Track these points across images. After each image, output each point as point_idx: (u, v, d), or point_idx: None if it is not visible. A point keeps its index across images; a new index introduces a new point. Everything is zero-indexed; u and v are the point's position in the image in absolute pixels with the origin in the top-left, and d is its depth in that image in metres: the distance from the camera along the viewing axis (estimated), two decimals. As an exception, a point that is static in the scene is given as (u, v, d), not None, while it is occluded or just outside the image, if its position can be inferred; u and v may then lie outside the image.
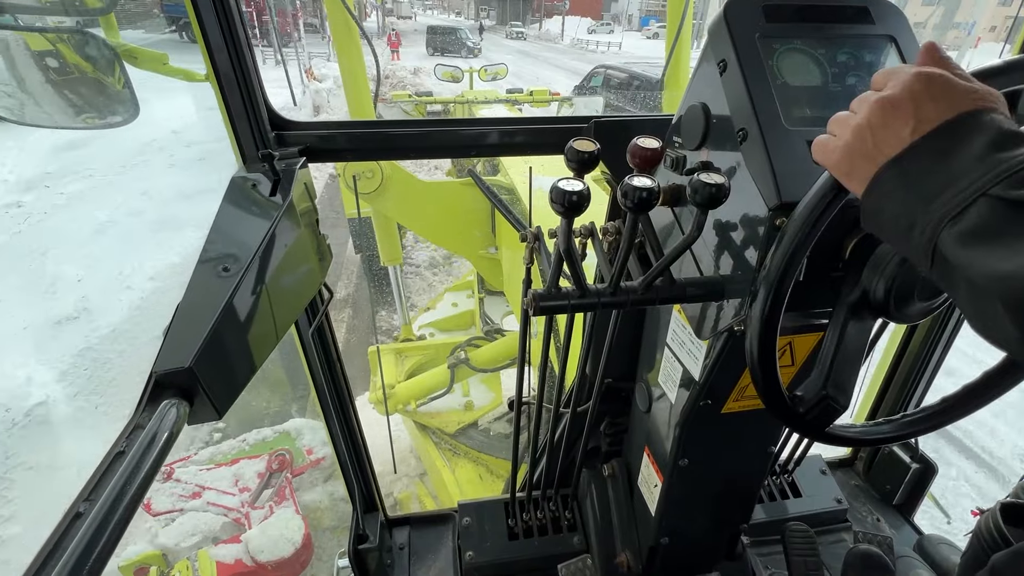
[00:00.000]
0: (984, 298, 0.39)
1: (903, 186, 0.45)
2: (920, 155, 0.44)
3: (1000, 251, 0.37)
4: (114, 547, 0.41)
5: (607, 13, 53.67)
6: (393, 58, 21.89)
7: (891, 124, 0.46)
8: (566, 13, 45.00)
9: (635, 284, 0.76)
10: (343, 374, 1.28)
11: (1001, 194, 0.38)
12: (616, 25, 47.58)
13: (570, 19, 43.95)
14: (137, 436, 0.50)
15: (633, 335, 1.20)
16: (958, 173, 0.41)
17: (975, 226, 0.39)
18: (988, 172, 0.39)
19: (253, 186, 0.90)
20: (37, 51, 1.18)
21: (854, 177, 0.49)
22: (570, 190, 0.62)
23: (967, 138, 0.42)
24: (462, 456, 3.50)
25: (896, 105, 0.46)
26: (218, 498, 3.28)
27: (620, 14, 51.27)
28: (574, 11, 46.98)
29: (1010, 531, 0.96)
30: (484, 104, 5.16)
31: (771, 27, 0.72)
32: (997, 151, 0.40)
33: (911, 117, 0.45)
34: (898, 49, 0.75)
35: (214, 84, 0.91)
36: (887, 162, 0.46)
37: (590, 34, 39.98)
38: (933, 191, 0.42)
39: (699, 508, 1.19)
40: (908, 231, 0.44)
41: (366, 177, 2.75)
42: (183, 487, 3.32)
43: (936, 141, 0.44)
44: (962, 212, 0.40)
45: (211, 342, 0.61)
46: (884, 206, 0.46)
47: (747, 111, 0.68)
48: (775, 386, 0.64)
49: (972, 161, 0.41)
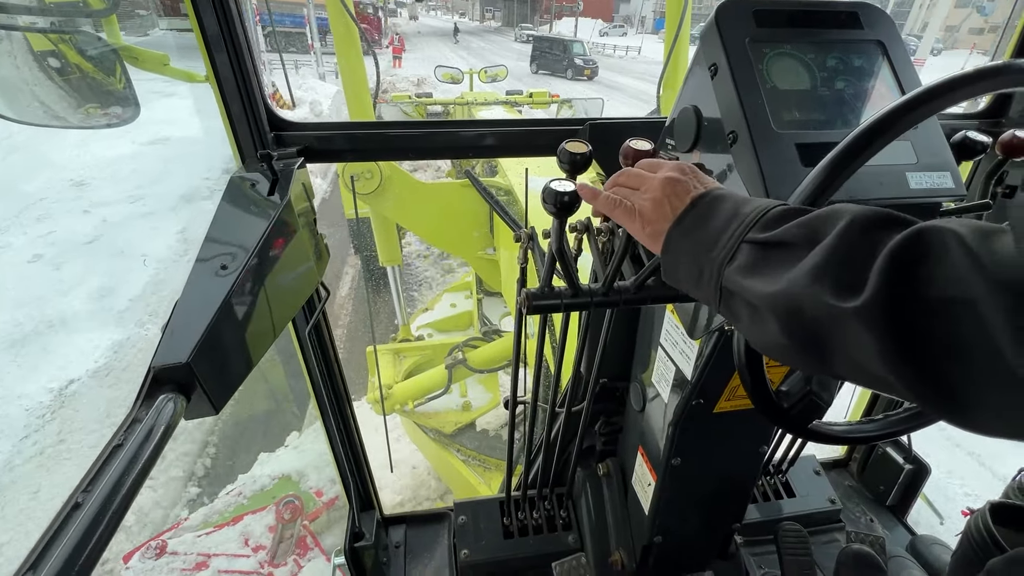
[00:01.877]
0: (760, 314, 0.49)
1: (687, 240, 0.58)
2: (692, 216, 0.58)
3: (765, 278, 0.48)
4: (111, 536, 0.42)
5: (617, 15, 52.68)
6: (395, 65, 19.91)
7: (670, 195, 0.60)
8: (580, 14, 43.33)
9: (627, 284, 0.77)
10: (340, 372, 1.29)
11: (753, 238, 0.51)
12: (628, 27, 46.07)
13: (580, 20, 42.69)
14: (135, 429, 0.51)
15: (627, 335, 1.21)
16: (723, 227, 0.54)
17: (745, 263, 0.51)
18: (741, 223, 0.53)
19: (252, 186, 0.91)
20: (39, 51, 1.19)
21: (654, 239, 0.62)
22: (561, 191, 0.63)
23: (719, 203, 0.57)
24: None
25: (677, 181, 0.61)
26: (230, 564, 2.86)
27: (632, 15, 49.76)
28: (585, 12, 45.87)
29: (999, 531, 0.97)
30: (484, 105, 5.18)
31: (761, 32, 0.74)
32: (741, 208, 0.55)
33: (682, 188, 0.60)
34: (886, 54, 0.76)
35: (213, 85, 0.92)
36: (671, 224, 0.59)
37: (602, 36, 38.45)
38: (710, 241, 0.55)
39: (692, 507, 1.20)
40: (699, 277, 0.56)
41: (365, 178, 2.76)
42: (183, 560, 2.88)
43: (700, 206, 0.58)
44: (734, 255, 0.52)
45: (208, 338, 0.62)
46: (679, 260, 0.58)
47: (737, 114, 0.70)
48: (762, 385, 0.65)
49: (729, 218, 0.55)
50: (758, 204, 0.54)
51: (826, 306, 0.42)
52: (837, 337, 0.42)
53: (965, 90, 0.54)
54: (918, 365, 0.38)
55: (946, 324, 0.37)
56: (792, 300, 0.45)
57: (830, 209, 0.48)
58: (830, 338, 0.43)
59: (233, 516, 3.14)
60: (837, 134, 0.63)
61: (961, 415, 0.39)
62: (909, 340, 0.38)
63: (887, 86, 0.75)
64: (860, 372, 0.43)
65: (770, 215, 0.52)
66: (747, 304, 0.50)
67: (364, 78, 2.66)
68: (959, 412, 0.39)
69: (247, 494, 3.30)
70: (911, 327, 0.38)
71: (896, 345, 0.38)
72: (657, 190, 0.61)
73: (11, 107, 1.23)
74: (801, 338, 0.46)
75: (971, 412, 0.38)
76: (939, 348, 0.37)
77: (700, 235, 0.56)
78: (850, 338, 0.41)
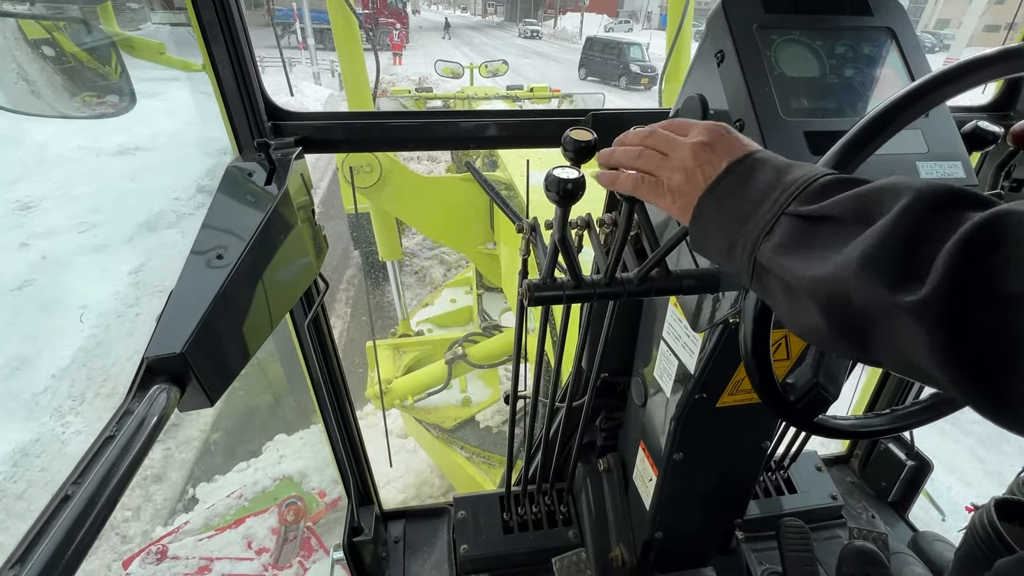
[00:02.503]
0: (799, 298, 0.45)
1: (720, 212, 0.53)
2: (728, 185, 0.53)
3: (806, 258, 0.44)
4: (100, 529, 0.41)
5: (622, 10, 51.75)
6: (395, 62, 18.54)
7: (703, 163, 0.55)
8: (585, 9, 42.39)
9: (631, 275, 0.76)
10: (339, 366, 1.28)
11: (796, 211, 0.46)
12: (634, 22, 44.52)
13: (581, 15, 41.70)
14: (126, 421, 0.50)
15: (629, 329, 1.20)
16: (760, 197, 0.49)
17: (784, 239, 0.46)
18: (782, 194, 0.48)
19: (249, 175, 0.90)
20: (33, 39, 1.17)
21: (685, 211, 0.57)
22: (565, 177, 0.61)
23: (758, 169, 0.52)
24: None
25: (708, 146, 0.56)
26: (233, 567, 2.85)
27: (637, 11, 48.51)
28: (591, 7, 44.87)
29: (1004, 527, 0.96)
30: (484, 100, 5.16)
31: (769, 18, 0.72)
32: (783, 177, 0.49)
33: (717, 155, 0.55)
34: (896, 41, 0.74)
35: (210, 73, 0.90)
36: (703, 193, 0.54)
37: (607, 31, 36.79)
38: (745, 212, 0.50)
39: (694, 503, 1.19)
40: (731, 250, 0.51)
41: (364, 172, 2.74)
42: (185, 564, 2.86)
43: (735, 174, 0.53)
44: (771, 229, 0.47)
45: (204, 329, 0.61)
46: (709, 231, 0.54)
47: (744, 102, 0.68)
48: (769, 378, 0.64)
49: (768, 187, 0.50)
50: (803, 171, 0.49)
51: (878, 298, 0.38)
52: (885, 329, 0.39)
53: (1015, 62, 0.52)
54: (976, 367, 0.34)
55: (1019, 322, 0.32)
56: (837, 287, 0.40)
57: (887, 182, 0.42)
58: (876, 329, 0.39)
59: (235, 519, 3.11)
60: (846, 122, 0.62)
61: (1017, 421, 0.35)
62: (970, 339, 0.34)
63: (897, 73, 0.73)
64: (904, 364, 0.39)
65: (816, 185, 0.46)
66: (783, 283, 0.46)
67: (364, 68, 2.64)
68: (1017, 419, 0.35)
69: (248, 496, 3.27)
70: (974, 325, 0.34)
71: (953, 343, 0.34)
72: (688, 158, 0.56)
73: (5, 95, 1.21)
74: (842, 325, 0.42)
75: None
76: (1007, 349, 0.33)
77: (734, 205, 0.51)
78: (900, 331, 0.37)
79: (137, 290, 5.17)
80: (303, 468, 3.46)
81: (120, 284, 5.18)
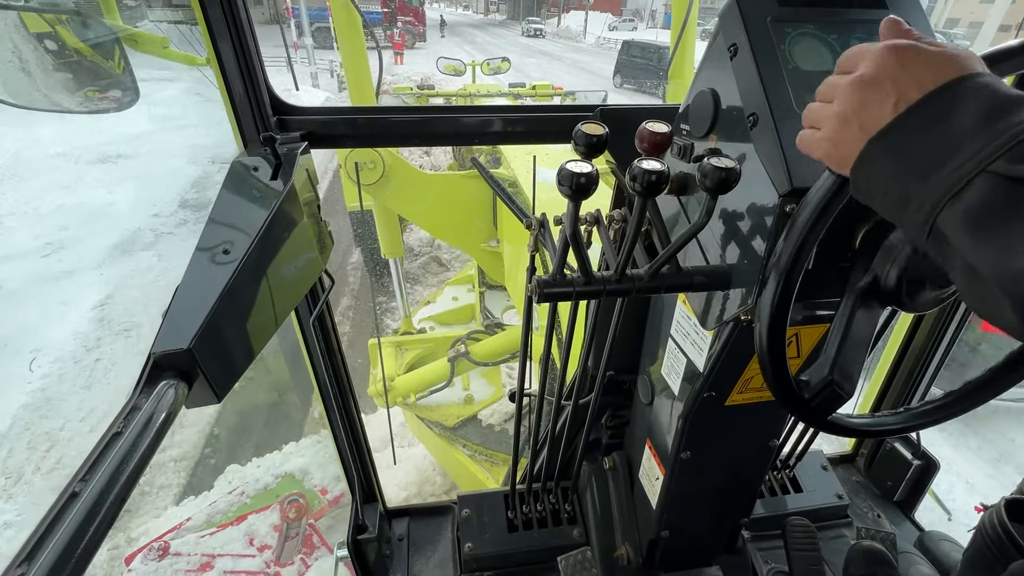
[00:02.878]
0: (988, 289, 0.37)
1: (894, 160, 0.42)
2: (908, 128, 0.42)
3: (1006, 242, 0.34)
4: (109, 527, 0.40)
5: (625, 9, 51.22)
6: (396, 61, 17.45)
7: (870, 104, 0.44)
8: (590, 8, 41.34)
9: (641, 272, 0.75)
10: (343, 363, 1.27)
11: (1004, 171, 0.35)
12: (639, 21, 43.61)
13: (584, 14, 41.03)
14: (134, 417, 0.49)
15: (636, 327, 1.19)
16: (955, 145, 0.38)
17: (978, 206, 0.36)
18: (988, 144, 0.36)
19: (254, 170, 0.89)
20: (35, 33, 1.16)
21: (846, 163, 0.47)
22: (578, 171, 0.61)
23: (958, 106, 0.39)
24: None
25: (871, 83, 0.44)
26: (235, 564, 2.81)
27: (641, 9, 47.72)
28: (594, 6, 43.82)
29: (1015, 528, 0.95)
30: (487, 98, 5.14)
31: (783, 11, 0.71)
32: (995, 120, 0.37)
33: (891, 92, 0.43)
34: None
35: (215, 67, 0.89)
36: (873, 137, 0.44)
37: (611, 31, 36.18)
38: (929, 165, 0.39)
39: (700, 501, 1.18)
40: (903, 206, 0.42)
41: (368, 168, 2.73)
42: (187, 561, 2.83)
43: (924, 112, 0.41)
44: (963, 190, 0.37)
45: (210, 325, 0.60)
46: (875, 180, 0.44)
47: (758, 96, 0.67)
48: (784, 376, 0.63)
49: (969, 132, 0.38)
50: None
51: None
52: None
53: None
54: None
55: None
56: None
57: None
58: None
59: (236, 515, 3.11)
60: None
61: None
62: None
63: None
64: None
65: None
66: (965, 264, 0.38)
67: (367, 65, 2.62)
68: None
69: (250, 493, 3.27)
70: None
71: None
72: (844, 101, 0.45)
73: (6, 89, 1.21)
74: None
75: None
76: None
77: (917, 152, 0.40)
78: None
79: (100, 328, 4.34)
80: (305, 465, 3.45)
81: (81, 321, 4.32)
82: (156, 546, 2.94)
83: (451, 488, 3.74)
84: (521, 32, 39.06)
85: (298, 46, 15.28)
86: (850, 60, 0.48)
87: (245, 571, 2.84)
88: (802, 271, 0.59)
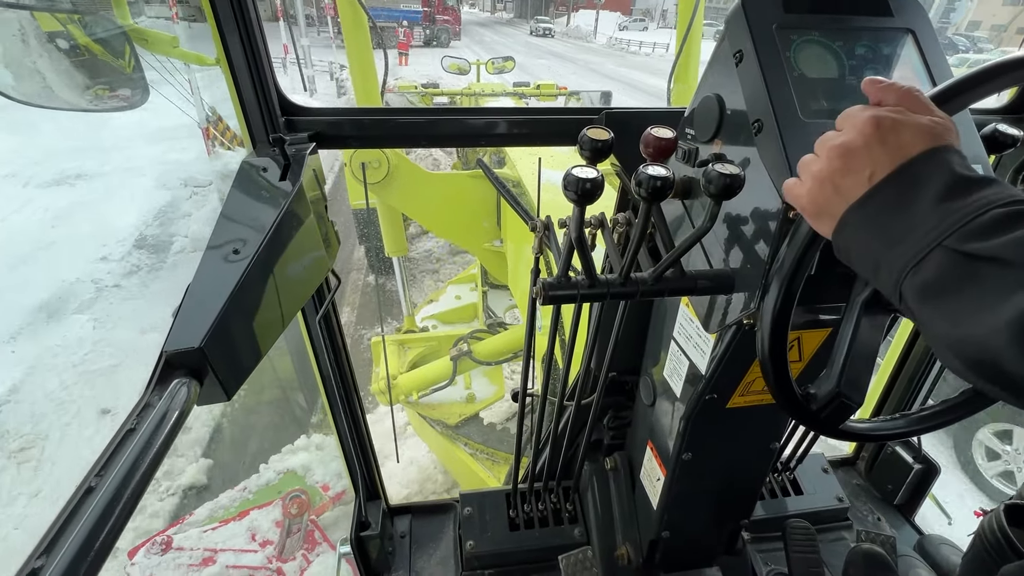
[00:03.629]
0: (944, 353, 0.40)
1: (867, 229, 0.46)
2: (880, 200, 0.45)
3: (954, 308, 0.38)
4: (126, 521, 0.41)
5: (635, 8, 49.94)
6: (401, 62, 17.05)
7: (851, 171, 0.47)
8: (601, 7, 40.44)
9: (645, 275, 0.76)
10: (348, 362, 1.29)
11: (955, 247, 0.39)
12: (649, 21, 43.03)
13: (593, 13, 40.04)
14: (148, 414, 0.50)
15: (639, 328, 1.20)
16: (916, 221, 0.42)
17: (932, 278, 0.40)
18: (942, 222, 0.40)
19: (263, 170, 0.90)
20: (47, 32, 1.17)
21: (822, 220, 0.51)
22: (584, 177, 0.61)
23: (921, 183, 0.43)
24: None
25: (851, 153, 0.47)
26: (238, 559, 2.83)
27: (651, 9, 46.66)
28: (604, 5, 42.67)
29: (1014, 532, 0.96)
30: (491, 97, 5.15)
31: (789, 18, 0.71)
32: (949, 199, 0.41)
33: (867, 164, 0.46)
34: (916, 42, 0.74)
35: (225, 68, 0.90)
36: (850, 206, 0.47)
37: (621, 31, 35.71)
38: (895, 236, 0.43)
39: (701, 503, 1.19)
40: (875, 271, 0.46)
41: (372, 167, 2.74)
42: (189, 555, 2.84)
43: (892, 186, 0.45)
44: (920, 262, 0.41)
45: (221, 323, 0.61)
46: (852, 247, 0.48)
47: (763, 102, 0.68)
48: (786, 381, 0.64)
49: (927, 210, 0.41)
50: (982, 193, 0.40)
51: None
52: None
53: None
54: None
55: None
56: (985, 353, 0.35)
57: None
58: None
59: (239, 511, 3.13)
60: None
61: None
62: None
63: (917, 75, 0.73)
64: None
65: (990, 216, 0.38)
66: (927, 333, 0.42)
67: (372, 64, 2.63)
68: None
69: (253, 488, 3.28)
70: None
71: None
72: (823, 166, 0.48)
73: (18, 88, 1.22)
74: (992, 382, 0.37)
75: None
76: None
77: (885, 224, 0.43)
78: None
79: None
80: (307, 462, 3.47)
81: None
82: (159, 540, 2.97)
83: (452, 486, 3.75)
84: (529, 31, 38.41)
85: (286, 50, 13.77)
86: (841, 121, 0.52)
87: (247, 566, 2.86)
88: (804, 277, 0.59)
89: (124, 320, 4.26)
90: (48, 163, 5.78)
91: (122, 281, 4.78)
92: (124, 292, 4.63)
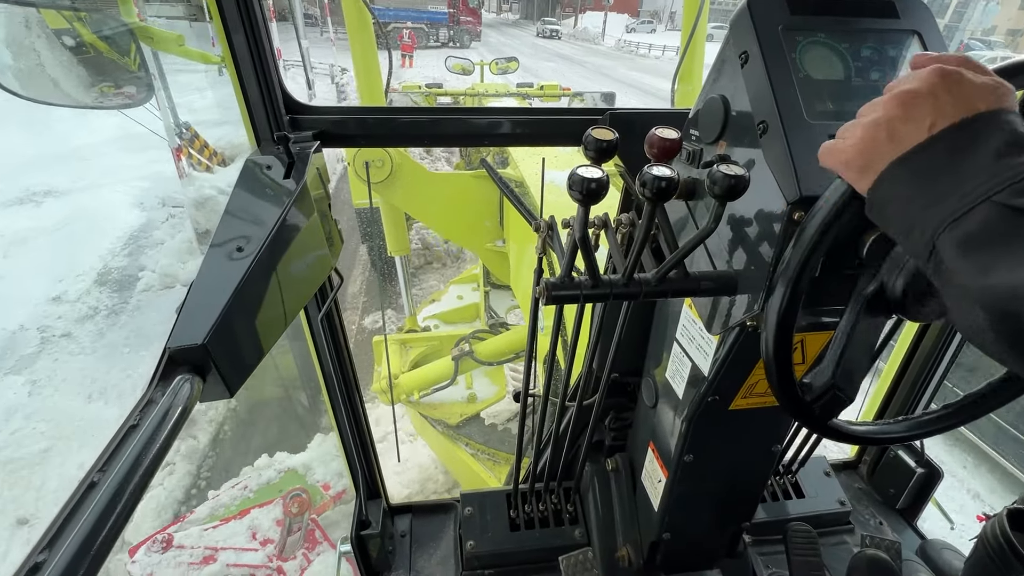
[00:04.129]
0: (970, 305, 0.39)
1: (909, 184, 0.44)
2: (932, 152, 0.44)
3: (995, 259, 0.37)
4: (129, 516, 0.41)
5: (642, 10, 49.10)
6: (404, 64, 16.99)
7: (911, 118, 0.46)
8: (609, 8, 39.73)
9: (649, 276, 0.75)
10: (350, 361, 1.29)
11: (1005, 201, 0.38)
12: (657, 23, 42.34)
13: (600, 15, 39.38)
14: (151, 410, 0.50)
15: (641, 330, 1.19)
16: (966, 176, 0.41)
17: (975, 231, 0.39)
18: (995, 177, 0.39)
19: (267, 169, 0.90)
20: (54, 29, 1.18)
21: (865, 174, 0.49)
22: (589, 177, 0.61)
23: (981, 139, 0.42)
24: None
25: (915, 98, 0.46)
26: (238, 557, 2.82)
27: (659, 10, 46.07)
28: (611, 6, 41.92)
29: (1017, 537, 0.95)
30: (495, 97, 5.15)
31: (795, 19, 0.71)
32: (1008, 156, 0.40)
33: (930, 112, 0.45)
34: (923, 44, 0.73)
35: (230, 66, 0.91)
36: (895, 160, 0.46)
37: (629, 32, 35.34)
38: (940, 193, 0.42)
39: (702, 505, 1.19)
40: (908, 231, 0.45)
41: (376, 166, 2.74)
42: (190, 553, 2.84)
43: (950, 139, 0.43)
44: (963, 216, 0.40)
45: (224, 320, 0.61)
46: (888, 201, 0.47)
47: (768, 103, 0.67)
48: (789, 382, 0.63)
49: (982, 164, 0.40)
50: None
51: None
52: None
53: None
54: None
55: None
56: (1013, 303, 0.35)
57: None
58: None
59: (239, 509, 3.12)
60: None
61: None
62: None
63: None
64: None
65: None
66: (956, 285, 0.41)
67: (376, 64, 2.63)
68: None
69: (253, 487, 3.27)
70: None
71: None
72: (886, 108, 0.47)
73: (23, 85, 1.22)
74: (1010, 337, 0.37)
75: None
76: None
77: (933, 178, 0.42)
78: None
79: None
80: (308, 460, 3.46)
81: None
82: (160, 538, 2.97)
83: (453, 486, 3.75)
84: (536, 33, 38.03)
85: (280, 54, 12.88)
86: (897, 81, 0.50)
87: (248, 565, 2.86)
88: (809, 279, 0.59)
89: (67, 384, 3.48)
90: (15, 179, 5.00)
91: (74, 328, 4.02)
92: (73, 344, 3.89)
